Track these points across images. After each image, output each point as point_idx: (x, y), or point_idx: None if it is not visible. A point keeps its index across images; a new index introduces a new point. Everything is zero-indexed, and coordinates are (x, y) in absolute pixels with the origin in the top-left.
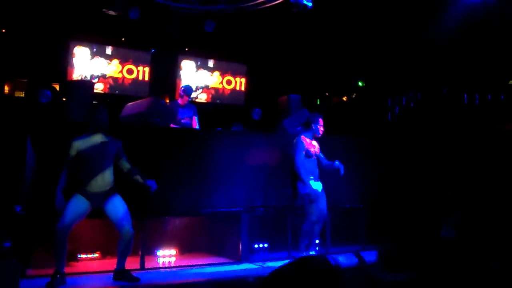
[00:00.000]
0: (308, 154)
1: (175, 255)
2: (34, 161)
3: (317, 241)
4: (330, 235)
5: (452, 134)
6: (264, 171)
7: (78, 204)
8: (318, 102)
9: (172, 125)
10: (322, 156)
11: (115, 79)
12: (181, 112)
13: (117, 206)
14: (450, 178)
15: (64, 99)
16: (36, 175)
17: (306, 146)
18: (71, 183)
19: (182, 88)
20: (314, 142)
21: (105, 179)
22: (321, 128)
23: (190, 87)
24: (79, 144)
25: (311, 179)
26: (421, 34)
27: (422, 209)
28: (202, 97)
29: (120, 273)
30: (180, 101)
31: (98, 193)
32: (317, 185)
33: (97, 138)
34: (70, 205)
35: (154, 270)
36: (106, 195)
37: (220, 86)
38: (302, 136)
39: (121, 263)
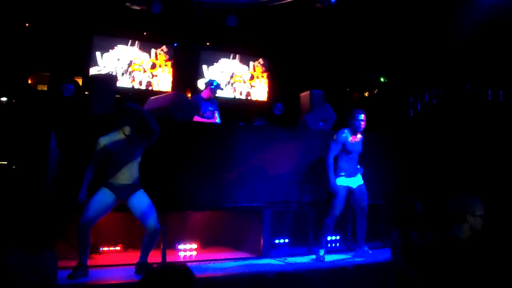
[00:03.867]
0: (347, 150)
1: (196, 249)
2: (58, 155)
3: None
4: (351, 231)
5: (475, 131)
6: (286, 166)
7: (103, 198)
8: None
9: (195, 118)
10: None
11: (137, 73)
12: (203, 105)
13: (142, 201)
14: (472, 176)
15: (86, 93)
16: (60, 169)
17: (344, 141)
18: (97, 178)
19: (211, 83)
20: (356, 138)
21: (131, 172)
22: (362, 123)
23: (215, 81)
24: (105, 141)
25: (342, 175)
26: (444, 29)
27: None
28: (224, 92)
29: (142, 266)
30: (203, 94)
31: (123, 185)
32: (346, 181)
33: (123, 134)
34: (94, 199)
35: None
36: (131, 189)
37: (242, 80)
38: (342, 132)
39: (144, 256)
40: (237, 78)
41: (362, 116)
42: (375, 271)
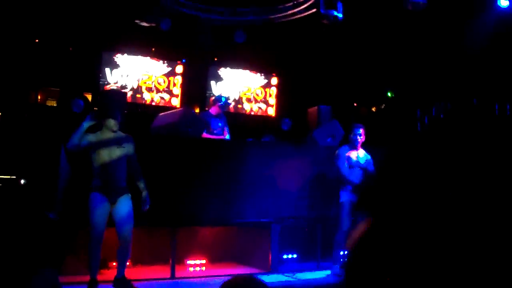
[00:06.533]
0: (350, 164)
1: (205, 265)
2: (68, 170)
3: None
4: None
5: (483, 145)
6: (294, 182)
7: (100, 203)
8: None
9: (205, 134)
10: (372, 169)
11: (146, 89)
12: (213, 122)
13: (124, 207)
14: (479, 189)
15: (96, 108)
16: (70, 183)
17: (345, 156)
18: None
19: (219, 99)
20: (357, 153)
21: (120, 173)
22: (359, 138)
23: (223, 97)
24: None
25: (349, 190)
26: (451, 44)
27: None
28: (232, 107)
29: (121, 281)
30: (212, 111)
31: (113, 188)
32: (352, 196)
33: (110, 130)
34: (95, 210)
35: (184, 279)
36: (119, 192)
37: (251, 96)
38: (343, 147)
39: (120, 271)
40: (245, 94)
41: (360, 131)
42: None
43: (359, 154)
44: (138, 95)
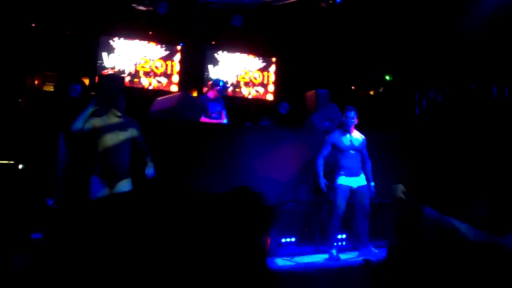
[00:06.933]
0: (339, 148)
1: None
2: (67, 156)
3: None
4: (356, 230)
5: (481, 128)
6: (292, 166)
7: (99, 188)
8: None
9: (203, 118)
10: (365, 153)
11: (144, 73)
12: (211, 106)
13: (121, 190)
14: (478, 174)
15: (93, 93)
16: (69, 169)
17: (333, 140)
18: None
19: (217, 83)
20: (349, 136)
21: (122, 160)
22: (351, 121)
23: (221, 81)
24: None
25: (342, 174)
26: (449, 27)
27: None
28: (229, 91)
29: None
30: (209, 94)
31: (114, 172)
32: (347, 181)
33: (115, 119)
34: (93, 192)
35: None
36: (120, 176)
37: (248, 80)
38: (333, 133)
39: None
40: (243, 78)
41: (352, 114)
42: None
43: (353, 137)
44: (136, 79)
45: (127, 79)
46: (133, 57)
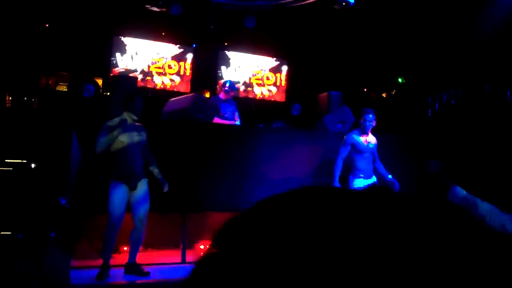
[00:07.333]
0: (358, 150)
1: None
2: (80, 155)
3: None
4: None
5: (494, 131)
6: (304, 168)
7: (119, 191)
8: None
9: (216, 120)
10: (376, 154)
11: (156, 74)
12: (223, 107)
13: (140, 189)
14: (491, 176)
15: (106, 93)
16: (82, 169)
17: (354, 141)
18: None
19: (225, 83)
20: (366, 138)
21: (140, 160)
22: (370, 123)
23: (228, 81)
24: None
25: (361, 177)
26: (462, 30)
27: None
28: (242, 91)
29: (132, 267)
30: (222, 95)
31: (133, 173)
32: (365, 183)
33: (130, 118)
34: (114, 196)
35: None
36: (138, 177)
37: (261, 82)
38: (352, 133)
39: (132, 256)
40: (255, 79)
41: (371, 116)
42: None
43: (369, 139)
44: (148, 78)
45: (140, 78)
46: (146, 57)
